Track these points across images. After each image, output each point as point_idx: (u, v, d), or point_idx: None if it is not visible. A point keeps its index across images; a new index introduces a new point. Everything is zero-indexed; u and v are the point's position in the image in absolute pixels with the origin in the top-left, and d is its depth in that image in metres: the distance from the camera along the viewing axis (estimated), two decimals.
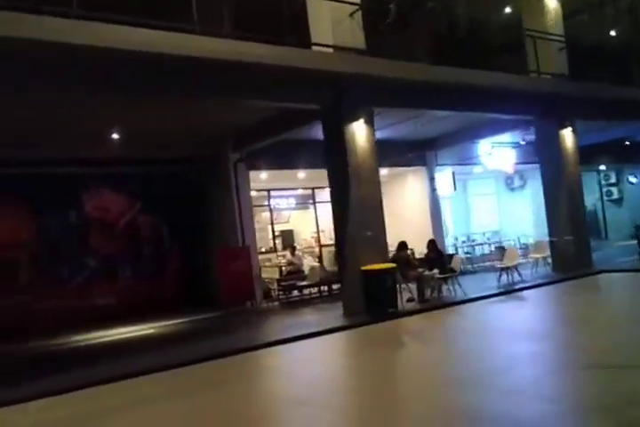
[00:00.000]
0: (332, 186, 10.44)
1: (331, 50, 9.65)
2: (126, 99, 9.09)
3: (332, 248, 14.81)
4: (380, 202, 10.17)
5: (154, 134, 11.28)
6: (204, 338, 9.32)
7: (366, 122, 9.99)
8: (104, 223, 13.08)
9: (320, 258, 16.25)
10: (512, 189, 18.65)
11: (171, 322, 11.31)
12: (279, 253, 15.60)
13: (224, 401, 5.83)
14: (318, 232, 16.39)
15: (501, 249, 12.67)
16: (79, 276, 12.68)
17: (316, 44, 9.69)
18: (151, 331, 10.65)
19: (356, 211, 9.85)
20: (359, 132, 9.92)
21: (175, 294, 13.58)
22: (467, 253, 14.96)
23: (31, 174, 11.78)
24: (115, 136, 10.99)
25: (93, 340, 10.27)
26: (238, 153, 12.94)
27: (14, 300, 11.78)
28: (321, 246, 16.37)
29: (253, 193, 13.78)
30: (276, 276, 14.18)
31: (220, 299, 12.29)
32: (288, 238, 16.77)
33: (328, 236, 16.29)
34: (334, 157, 10.20)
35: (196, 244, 13.81)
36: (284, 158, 13.21)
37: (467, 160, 15.97)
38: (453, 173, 15.26)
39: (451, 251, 15.12)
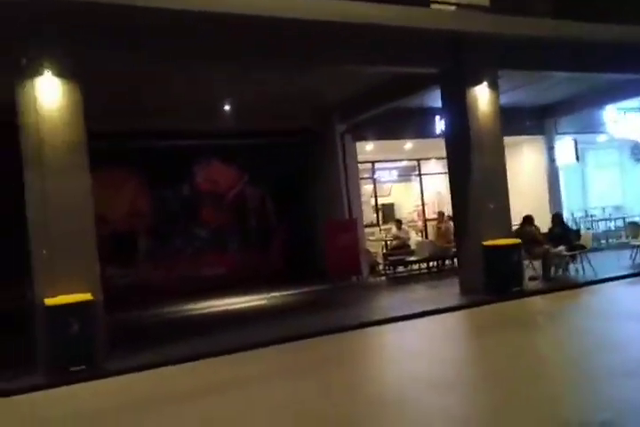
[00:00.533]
0: (449, 155, 9.81)
1: (452, 8, 8.92)
2: (239, 67, 8.93)
3: (435, 223, 14.23)
4: (504, 171, 9.45)
5: (261, 106, 11.13)
6: (316, 311, 9.17)
7: (490, 85, 9.23)
8: (214, 195, 13.28)
9: (424, 233, 15.68)
10: (639, 160, 16.86)
11: (279, 293, 11.32)
12: (382, 227, 15.19)
13: (353, 379, 5.60)
14: (423, 206, 15.79)
15: (635, 225, 11.44)
16: (191, 247, 13.02)
17: (436, 2, 8.99)
18: (261, 302, 10.69)
19: (478, 181, 9.18)
20: (482, 95, 9.20)
21: (281, 266, 13.60)
22: (587, 228, 13.74)
23: (146, 147, 12.09)
24: (225, 108, 10.98)
25: (206, 309, 10.47)
26: (345, 124, 12.62)
27: (134, 269, 12.34)
28: (425, 221, 15.77)
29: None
30: (380, 250, 13.81)
31: (327, 272, 12.15)
32: (388, 212, 16.32)
33: (432, 210, 15.67)
34: (454, 123, 9.57)
35: (302, 216, 13.72)
36: (390, 128, 12.78)
37: (589, 128, 14.58)
38: (576, 142, 13.97)
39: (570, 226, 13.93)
